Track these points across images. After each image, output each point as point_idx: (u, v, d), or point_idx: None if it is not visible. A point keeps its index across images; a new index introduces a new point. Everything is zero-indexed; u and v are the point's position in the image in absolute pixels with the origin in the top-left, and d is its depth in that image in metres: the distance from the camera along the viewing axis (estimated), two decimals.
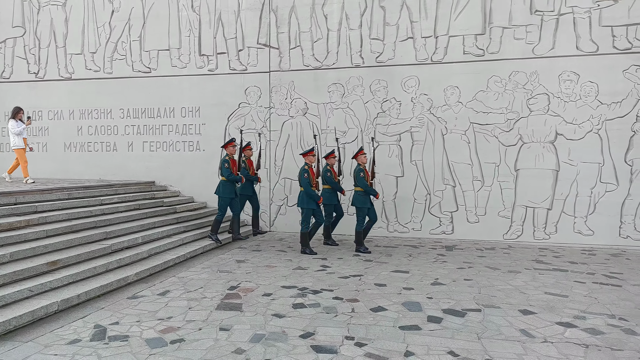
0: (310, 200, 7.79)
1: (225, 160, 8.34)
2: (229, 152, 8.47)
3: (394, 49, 9.63)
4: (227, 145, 8.54)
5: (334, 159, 8.24)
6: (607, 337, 4.13)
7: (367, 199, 7.97)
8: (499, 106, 9.16)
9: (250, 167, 9.08)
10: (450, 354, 3.71)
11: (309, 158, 7.97)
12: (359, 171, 7.95)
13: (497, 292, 5.55)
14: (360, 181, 7.89)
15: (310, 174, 7.81)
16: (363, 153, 8.15)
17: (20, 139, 9.16)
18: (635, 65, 8.52)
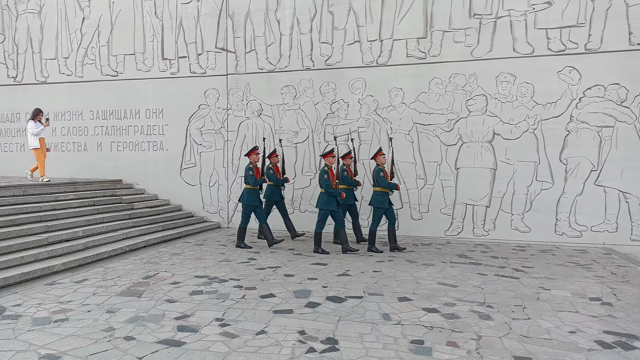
0: (330, 201, 7.75)
1: (250, 167, 8.21)
2: (252, 160, 8.30)
3: (342, 52, 10.01)
4: (251, 154, 8.38)
5: (350, 159, 8.21)
6: (459, 321, 4.47)
7: (385, 199, 7.89)
8: (440, 107, 9.48)
9: (277, 173, 8.93)
10: (300, 333, 4.10)
11: (328, 159, 7.90)
12: (379, 171, 7.91)
13: (394, 282, 5.92)
14: (381, 180, 7.83)
15: (330, 175, 7.76)
16: (382, 154, 8.07)
17: (36, 140, 9.59)
18: (569, 66, 8.77)
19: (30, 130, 9.58)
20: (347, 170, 8.20)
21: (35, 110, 9.80)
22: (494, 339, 4.05)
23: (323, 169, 7.85)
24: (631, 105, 8.51)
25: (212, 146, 10.90)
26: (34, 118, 9.67)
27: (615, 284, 5.98)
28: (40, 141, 9.68)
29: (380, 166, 7.98)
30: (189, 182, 11.10)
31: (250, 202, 8.16)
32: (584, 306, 5.02)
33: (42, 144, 9.74)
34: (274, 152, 9.05)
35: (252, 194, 8.18)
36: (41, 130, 9.64)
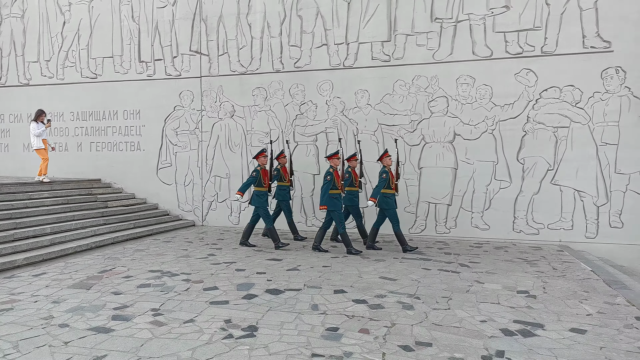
0: (334, 202, 7.72)
1: (256, 170, 8.22)
2: (260, 163, 8.28)
3: (310, 55, 10.30)
4: (259, 156, 8.34)
5: (355, 161, 8.27)
6: (381, 311, 4.76)
7: (390, 201, 7.90)
8: (404, 108, 9.76)
9: (285, 174, 8.96)
10: (226, 321, 4.39)
11: (333, 161, 7.91)
12: (382, 172, 7.89)
13: (338, 276, 6.20)
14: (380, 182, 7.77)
15: (335, 176, 7.74)
16: (388, 155, 8.04)
17: (39, 140, 9.84)
18: (526, 68, 9.04)
19: (33, 131, 9.83)
20: (350, 172, 8.20)
21: (38, 112, 10.03)
22: (406, 326, 4.33)
23: (328, 171, 7.84)
24: (585, 106, 8.77)
25: (187, 146, 11.21)
26: (37, 119, 9.90)
27: (550, 279, 6.25)
28: (43, 142, 9.92)
29: (386, 167, 7.94)
30: (165, 181, 11.42)
31: (262, 204, 8.17)
32: (508, 298, 5.29)
33: (45, 145, 9.97)
34: (282, 153, 9.09)
35: (261, 196, 8.19)
36: (43, 131, 9.87)
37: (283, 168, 8.96)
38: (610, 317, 4.69)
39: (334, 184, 7.72)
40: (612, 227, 8.70)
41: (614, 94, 8.61)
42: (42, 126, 9.89)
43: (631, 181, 8.59)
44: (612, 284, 6.03)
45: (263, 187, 8.20)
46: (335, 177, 7.74)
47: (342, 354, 3.69)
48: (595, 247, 8.75)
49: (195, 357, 3.59)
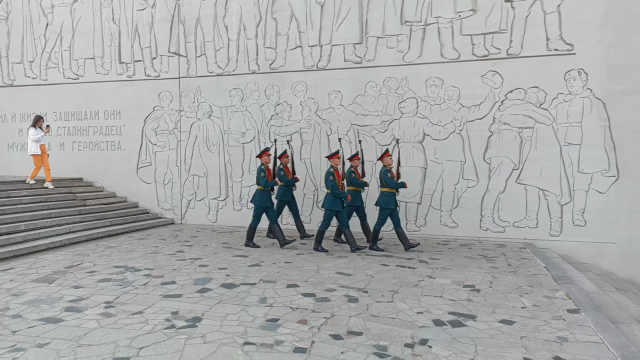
0: (335, 202, 7.83)
1: (261, 169, 8.21)
2: (263, 162, 8.27)
3: (285, 56, 10.52)
4: (262, 155, 8.33)
5: (357, 160, 8.33)
6: (325, 303, 4.97)
7: (391, 200, 8.00)
8: (375, 109, 9.98)
9: (287, 173, 8.99)
10: (173, 313, 4.61)
11: (334, 161, 7.98)
12: (386, 172, 8.01)
13: (296, 271, 6.42)
14: (389, 181, 7.94)
15: (335, 176, 7.80)
16: (389, 155, 8.19)
17: (37, 146, 9.92)
18: (491, 70, 9.26)
19: (32, 136, 9.92)
20: (354, 171, 8.27)
21: (36, 117, 10.14)
22: (344, 317, 4.55)
23: (329, 170, 7.91)
24: (549, 107, 8.99)
25: (166, 146, 11.43)
26: (35, 125, 10.00)
27: (500, 274, 6.48)
28: (41, 148, 10.01)
29: (387, 167, 8.08)
30: (145, 180, 11.63)
31: (262, 202, 8.18)
32: (452, 292, 5.52)
33: (42, 150, 10.07)
34: (285, 152, 9.06)
35: (263, 194, 8.20)
36: (42, 136, 9.98)
37: (285, 167, 8.98)
38: (544, 309, 4.91)
39: (335, 183, 7.77)
40: (576, 225, 8.92)
41: (576, 95, 8.83)
42: (40, 132, 10.00)
43: (593, 180, 8.82)
44: (559, 279, 6.26)
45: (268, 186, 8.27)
46: (336, 177, 7.81)
47: (273, 342, 3.91)
48: (559, 244, 8.97)
49: (133, 345, 3.81)
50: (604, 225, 8.77)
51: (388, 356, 3.66)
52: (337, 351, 3.74)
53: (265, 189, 8.20)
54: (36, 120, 10.08)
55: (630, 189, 8.61)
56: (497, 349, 3.83)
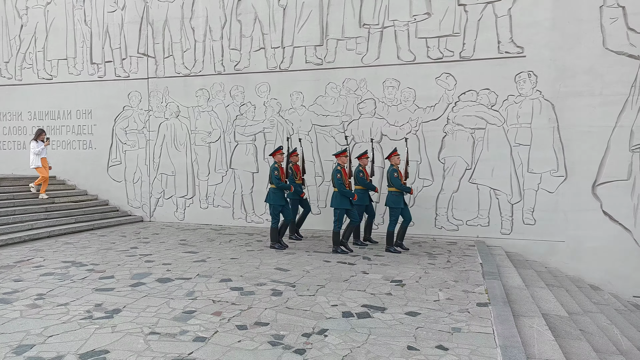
0: (344, 200, 7.78)
1: (275, 167, 8.07)
2: (277, 160, 8.17)
3: (249, 58, 10.75)
4: (275, 153, 8.26)
5: (366, 159, 8.29)
6: (248, 297, 5.21)
7: (400, 199, 7.97)
8: (335, 109, 10.21)
9: (297, 172, 8.85)
10: (96, 305, 4.84)
11: (341, 159, 7.94)
12: (393, 172, 7.98)
13: (237, 266, 6.66)
14: (395, 181, 7.93)
15: (342, 174, 7.78)
16: (397, 154, 8.16)
17: (38, 159, 10.05)
18: (445, 73, 9.48)
19: (33, 149, 10.07)
20: (362, 171, 8.22)
21: (38, 131, 10.28)
22: (259, 309, 4.78)
23: (335, 169, 7.89)
24: (500, 108, 9.21)
25: (136, 145, 11.68)
26: (37, 138, 10.14)
27: (434, 270, 6.71)
28: (42, 161, 10.14)
29: (394, 166, 8.05)
30: (115, 178, 11.88)
31: (277, 201, 8.05)
32: (376, 286, 5.75)
33: (44, 164, 10.20)
34: (294, 151, 8.87)
35: (277, 193, 8.05)
36: (42, 149, 10.09)
37: (295, 166, 8.86)
38: (455, 303, 5.14)
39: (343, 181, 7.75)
40: (525, 223, 9.15)
41: (526, 97, 9.05)
42: (41, 144, 10.11)
43: (542, 180, 9.03)
44: (488, 275, 6.48)
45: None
46: (344, 175, 7.80)
47: (178, 332, 4.15)
48: (510, 242, 9.20)
49: (43, 333, 4.05)
50: (552, 224, 8.99)
51: (280, 344, 3.90)
52: (234, 340, 3.98)
53: (278, 188, 8.05)
54: (38, 134, 10.21)
55: (578, 188, 8.83)
56: (387, 338, 4.07)
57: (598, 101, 8.67)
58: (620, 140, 8.60)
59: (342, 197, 7.78)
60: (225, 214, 11.08)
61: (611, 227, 8.68)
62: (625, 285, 8.61)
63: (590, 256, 8.76)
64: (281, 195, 8.11)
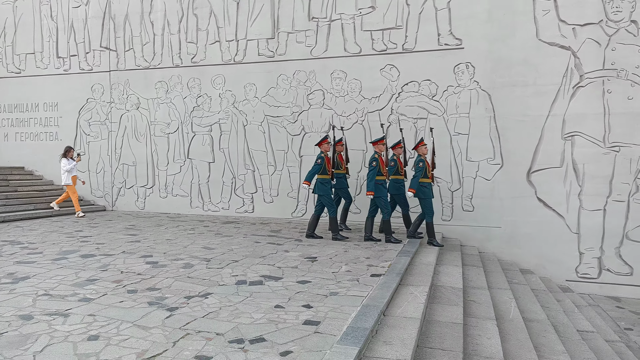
0: (380, 188, 7.76)
1: (320, 156, 7.97)
2: (323, 150, 8.05)
3: (205, 51, 11.08)
4: (322, 143, 8.15)
5: (400, 149, 8.24)
6: (156, 269, 5.52)
7: (429, 191, 7.90)
8: (286, 101, 10.51)
9: (341, 162, 8.61)
10: (9, 274, 5.17)
11: (378, 147, 7.90)
12: (419, 162, 7.90)
13: (167, 246, 6.97)
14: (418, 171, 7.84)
15: (380, 162, 7.74)
16: (424, 144, 8.03)
17: (68, 177, 10.03)
18: (389, 64, 9.77)
19: (64, 167, 10.01)
20: (395, 160, 8.21)
21: (66, 148, 10.25)
22: (159, 279, 5.08)
23: (373, 157, 7.83)
24: (440, 99, 9.50)
25: (99, 136, 12.02)
26: (66, 155, 10.09)
27: (353, 249, 6.98)
28: (72, 179, 10.15)
29: (422, 156, 7.93)
30: (79, 169, 12.20)
31: (326, 192, 7.95)
32: (288, 262, 6.03)
33: (74, 181, 10.22)
34: (340, 140, 8.62)
35: (323, 183, 7.96)
36: (73, 167, 10.09)
37: (339, 156, 8.61)
38: (351, 274, 5.42)
39: (380, 170, 7.73)
40: (465, 210, 9.42)
41: (465, 87, 9.33)
42: (72, 162, 10.09)
43: (480, 168, 9.31)
44: (403, 253, 6.72)
45: (327, 174, 8.01)
46: (380, 163, 7.76)
47: (70, 294, 4.46)
48: (450, 228, 9.48)
49: None
50: (490, 210, 9.26)
51: (158, 304, 4.20)
52: (117, 300, 4.29)
53: (326, 177, 7.94)
54: (66, 151, 10.16)
55: (513, 176, 9.10)
56: (262, 300, 4.36)
57: (532, 91, 8.94)
58: (553, 128, 8.87)
59: (378, 185, 7.73)
60: (183, 202, 11.40)
61: (545, 213, 8.95)
62: (558, 269, 8.87)
63: (525, 241, 9.03)
64: (330, 186, 8.01)
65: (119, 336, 3.43)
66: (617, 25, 8.48)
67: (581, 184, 8.74)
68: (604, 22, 8.55)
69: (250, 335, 3.48)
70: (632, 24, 8.42)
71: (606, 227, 8.62)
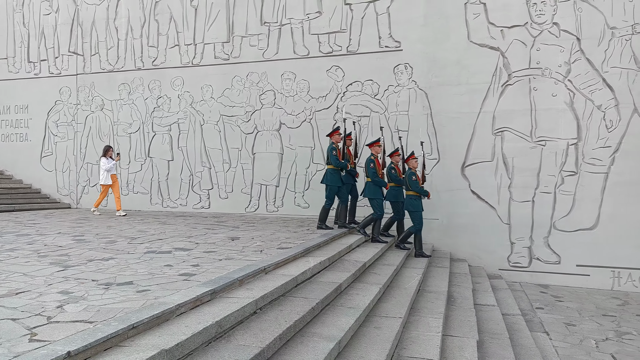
0: (377, 190, 7.85)
1: (333, 147, 7.93)
2: (334, 140, 8.01)
3: (165, 54, 11.63)
4: (333, 134, 8.10)
5: (398, 156, 8.29)
6: (76, 243, 5.94)
7: (419, 203, 7.94)
8: (240, 101, 11.03)
9: (350, 156, 8.43)
10: None
11: (375, 149, 7.99)
12: (411, 175, 7.92)
13: (107, 231, 7.38)
14: (414, 185, 7.85)
15: (376, 164, 7.84)
16: (414, 157, 8.07)
17: (108, 176, 9.97)
18: (335, 65, 10.31)
19: (103, 166, 9.96)
20: (395, 167, 8.24)
21: (105, 147, 10.19)
22: (76, 250, 5.50)
23: (369, 158, 7.92)
24: (382, 97, 10.01)
25: (65, 137, 12.52)
26: (105, 154, 10.04)
27: (281, 232, 7.39)
28: (112, 177, 10.07)
29: (412, 170, 7.99)
30: (47, 168, 12.69)
31: (334, 182, 7.91)
32: (211, 240, 6.45)
33: (114, 180, 10.14)
34: (349, 135, 8.46)
35: (334, 174, 7.89)
36: (112, 165, 10.05)
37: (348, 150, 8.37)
38: (261, 248, 5.82)
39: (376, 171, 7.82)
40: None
41: (404, 87, 9.85)
42: (112, 161, 10.03)
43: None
44: (324, 235, 7.14)
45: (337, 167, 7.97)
46: (377, 165, 7.84)
47: None
48: None
49: None
50: (429, 203, 9.56)
51: (58, 264, 4.61)
52: (24, 261, 4.70)
53: (337, 168, 7.91)
54: (106, 150, 10.11)
55: (449, 170, 9.55)
56: (157, 262, 4.77)
57: (465, 89, 9.45)
58: (484, 124, 9.36)
59: (375, 187, 7.86)
60: (143, 199, 11.83)
61: (478, 205, 9.38)
62: (492, 258, 9.27)
63: (460, 232, 9.44)
64: (338, 177, 7.93)
65: (6, 282, 3.84)
66: (541, 27, 9.04)
67: (511, 176, 9.19)
68: (529, 24, 9.11)
69: (121, 281, 3.89)
70: (554, 25, 8.98)
71: (535, 218, 9.05)
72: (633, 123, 8.59)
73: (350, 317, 4.02)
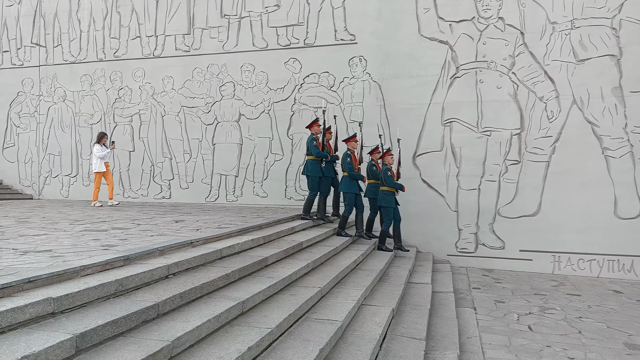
0: (353, 185, 7.89)
1: (313, 138, 7.98)
2: (314, 132, 8.05)
3: (127, 46, 11.72)
4: (312, 125, 8.13)
5: (378, 154, 8.37)
6: (47, 232, 6.05)
7: (392, 199, 8.07)
8: (201, 92, 11.18)
9: (330, 149, 8.37)
10: None
11: (351, 144, 8.04)
12: (386, 170, 8.04)
13: (57, 214, 7.49)
14: (388, 180, 7.98)
15: (352, 159, 7.88)
16: (390, 154, 8.22)
17: (101, 163, 9.67)
18: (293, 58, 10.53)
19: (97, 153, 9.64)
20: (375, 164, 8.36)
21: (100, 134, 9.90)
22: (14, 228, 5.62)
23: (345, 153, 7.96)
24: (337, 89, 10.27)
25: (28, 128, 12.51)
26: (99, 141, 9.75)
27: (230, 218, 7.58)
28: (105, 165, 9.80)
29: (387, 166, 8.13)
30: (9, 159, 12.66)
31: (315, 173, 7.93)
32: (157, 223, 6.61)
33: (107, 168, 9.87)
34: (329, 128, 8.41)
35: (315, 165, 7.94)
36: (107, 153, 9.77)
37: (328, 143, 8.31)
38: (198, 228, 6.02)
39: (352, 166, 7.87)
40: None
41: (358, 79, 10.12)
42: (105, 149, 9.76)
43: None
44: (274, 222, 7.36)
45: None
46: (353, 160, 7.92)
47: None
48: None
49: None
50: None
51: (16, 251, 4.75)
52: None
53: (317, 159, 7.95)
54: (100, 137, 9.84)
55: (402, 159, 9.83)
56: (88, 237, 4.94)
57: (416, 82, 9.76)
58: (434, 116, 9.68)
59: (351, 181, 7.90)
60: (104, 190, 11.86)
61: (429, 194, 9.70)
62: (441, 245, 9.59)
63: (413, 220, 9.71)
64: (319, 167, 7.99)
65: None
66: (487, 21, 9.40)
67: (459, 165, 9.53)
68: (476, 19, 9.46)
69: (41, 249, 4.06)
70: (500, 20, 9.34)
71: (481, 205, 9.40)
72: (572, 114, 9.00)
73: (264, 284, 4.24)
